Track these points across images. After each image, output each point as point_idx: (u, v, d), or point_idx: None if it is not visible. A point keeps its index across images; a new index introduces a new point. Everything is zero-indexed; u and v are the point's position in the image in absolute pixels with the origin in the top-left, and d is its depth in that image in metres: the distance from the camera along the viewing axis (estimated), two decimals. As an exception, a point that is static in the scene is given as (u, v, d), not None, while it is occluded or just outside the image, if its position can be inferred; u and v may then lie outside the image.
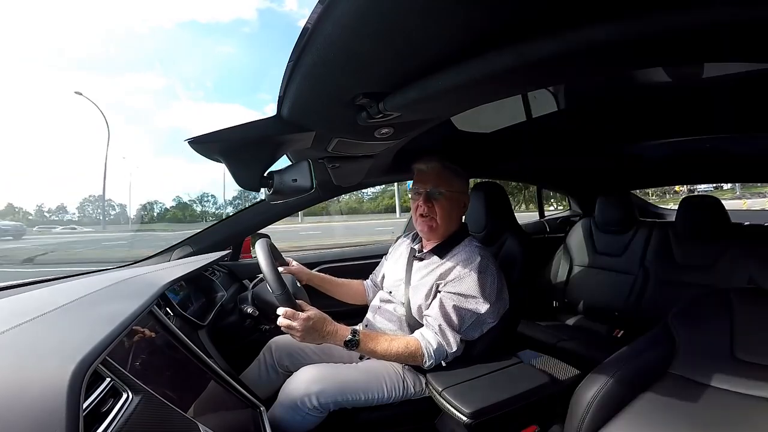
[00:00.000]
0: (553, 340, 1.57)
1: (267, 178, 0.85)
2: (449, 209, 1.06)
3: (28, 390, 0.34)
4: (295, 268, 1.24)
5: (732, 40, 0.46)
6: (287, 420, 0.91)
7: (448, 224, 1.08)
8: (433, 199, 1.06)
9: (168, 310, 0.90)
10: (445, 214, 1.06)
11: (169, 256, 1.32)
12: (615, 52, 0.48)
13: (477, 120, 1.34)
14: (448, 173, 1.07)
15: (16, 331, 0.43)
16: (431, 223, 1.07)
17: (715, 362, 0.87)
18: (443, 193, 1.05)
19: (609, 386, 0.86)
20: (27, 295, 0.69)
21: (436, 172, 1.07)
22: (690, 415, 0.79)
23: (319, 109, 0.71)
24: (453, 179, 1.07)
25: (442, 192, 1.05)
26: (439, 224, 1.07)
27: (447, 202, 1.06)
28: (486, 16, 0.44)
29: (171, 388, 0.59)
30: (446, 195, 1.06)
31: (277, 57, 66.26)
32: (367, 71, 0.57)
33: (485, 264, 1.01)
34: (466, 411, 0.81)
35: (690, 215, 1.59)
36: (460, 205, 1.10)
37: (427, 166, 1.08)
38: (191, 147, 0.75)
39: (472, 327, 0.99)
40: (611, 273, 1.79)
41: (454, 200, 1.07)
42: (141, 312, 0.57)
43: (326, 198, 1.59)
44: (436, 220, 1.06)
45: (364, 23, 0.44)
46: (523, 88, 0.93)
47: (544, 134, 1.43)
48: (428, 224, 1.07)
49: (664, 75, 1.00)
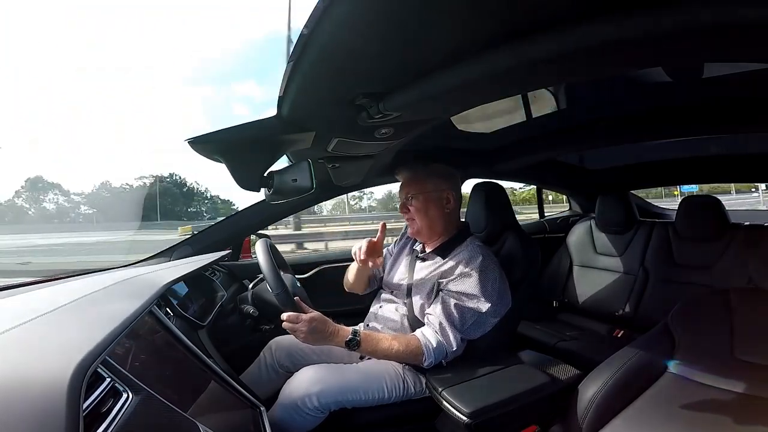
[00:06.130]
0: (553, 340, 1.57)
1: (267, 178, 0.85)
2: (424, 209, 1.09)
3: (28, 390, 0.34)
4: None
5: (732, 40, 0.46)
6: (287, 420, 0.91)
7: (428, 222, 1.10)
8: (408, 204, 1.11)
9: (168, 310, 0.90)
10: (421, 214, 1.09)
11: (169, 256, 1.32)
12: (615, 52, 0.48)
13: (477, 120, 1.34)
14: (419, 176, 1.12)
15: (17, 331, 0.43)
16: (414, 226, 1.12)
17: (714, 362, 0.87)
18: (414, 195, 1.10)
19: (609, 386, 0.86)
20: (27, 295, 0.69)
21: (406, 179, 1.14)
22: (690, 414, 0.79)
23: (319, 109, 0.71)
24: (424, 181, 1.11)
25: (413, 195, 1.10)
26: (420, 225, 1.11)
27: (420, 204, 1.10)
28: (486, 16, 0.44)
29: (171, 388, 0.59)
30: (418, 197, 1.10)
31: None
32: (367, 71, 0.57)
33: (487, 263, 1.01)
34: (466, 411, 0.81)
35: (690, 215, 1.59)
36: (438, 202, 1.10)
37: (400, 175, 1.16)
38: (191, 147, 0.75)
39: (473, 326, 0.99)
40: (611, 273, 1.79)
41: (428, 200, 1.10)
42: (141, 312, 0.57)
43: (326, 198, 1.59)
44: (416, 222, 1.11)
45: (364, 23, 0.44)
46: (522, 88, 0.93)
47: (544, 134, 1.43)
48: (413, 228, 1.13)
49: (664, 75, 1.00)
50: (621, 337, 1.61)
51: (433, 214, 1.10)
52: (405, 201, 1.12)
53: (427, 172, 1.12)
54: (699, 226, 1.56)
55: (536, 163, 1.73)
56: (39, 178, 32.98)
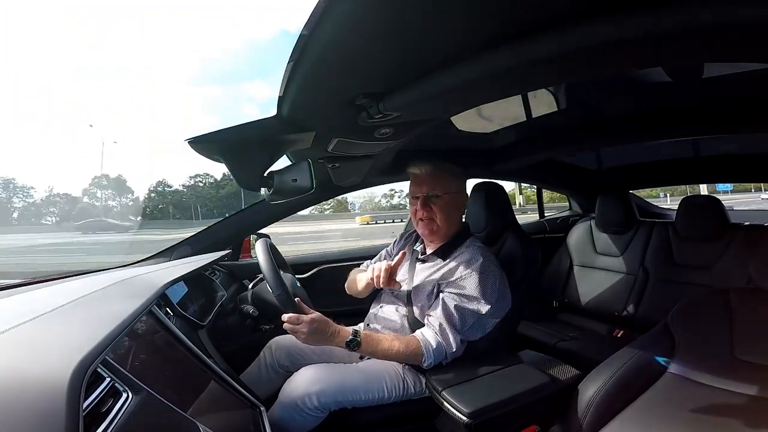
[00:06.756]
0: (553, 340, 1.57)
1: (267, 178, 0.85)
2: (448, 211, 1.06)
3: (28, 390, 0.34)
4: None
5: (732, 40, 0.46)
6: (287, 420, 0.91)
7: (449, 225, 1.08)
8: (430, 202, 1.06)
9: (168, 310, 0.90)
10: (445, 215, 1.06)
11: (169, 256, 1.32)
12: (615, 52, 0.48)
13: (477, 120, 1.34)
14: (442, 174, 1.07)
15: (17, 330, 0.43)
16: (432, 226, 1.07)
17: (714, 362, 0.87)
18: (440, 196, 1.05)
19: (609, 386, 0.86)
20: (27, 295, 0.69)
21: (430, 175, 1.06)
22: (689, 414, 0.79)
23: (319, 109, 0.71)
24: (448, 180, 1.07)
25: (439, 195, 1.05)
26: (440, 226, 1.07)
27: (445, 204, 1.06)
28: (486, 16, 0.44)
29: (171, 388, 0.59)
30: (443, 197, 1.06)
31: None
32: (367, 71, 0.57)
33: (487, 265, 1.01)
34: (466, 411, 0.81)
35: (690, 215, 1.59)
36: (458, 205, 1.10)
37: (420, 169, 1.07)
38: (191, 147, 0.75)
39: (473, 328, 0.99)
40: (611, 273, 1.79)
41: (452, 201, 1.07)
42: (141, 312, 0.57)
43: (326, 198, 1.59)
44: (436, 222, 1.06)
45: (364, 23, 0.44)
46: (522, 89, 0.93)
47: (544, 134, 1.43)
48: (429, 227, 1.07)
49: (664, 75, 1.00)
50: (621, 337, 1.61)
51: (454, 216, 1.08)
52: (427, 198, 1.05)
53: (451, 172, 1.08)
54: (699, 226, 1.56)
55: (536, 163, 1.73)
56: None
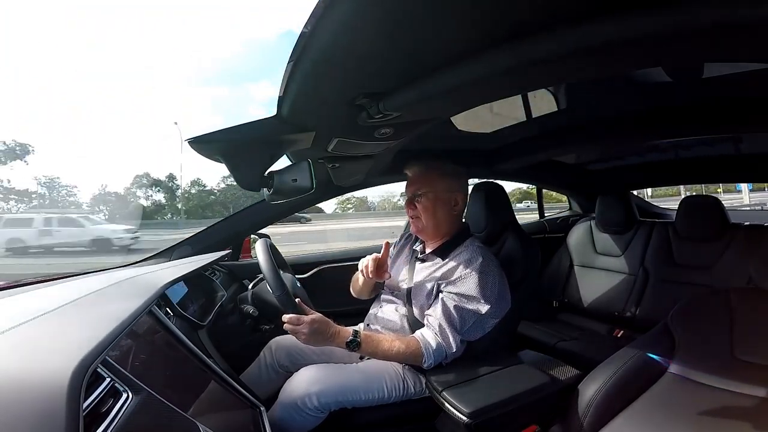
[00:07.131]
0: (553, 340, 1.57)
1: (267, 178, 0.85)
2: (432, 209, 1.08)
3: (28, 390, 0.34)
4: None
5: (732, 40, 0.46)
6: (287, 420, 0.91)
7: (435, 224, 1.09)
8: (415, 201, 1.09)
9: (168, 310, 0.90)
10: (429, 213, 1.08)
11: (169, 256, 1.32)
12: (615, 52, 0.48)
13: (477, 120, 1.34)
14: (431, 174, 1.09)
15: (17, 330, 0.43)
16: (418, 225, 1.11)
17: (714, 362, 0.87)
18: (425, 194, 1.08)
19: (609, 386, 0.86)
20: (27, 295, 0.69)
21: (417, 175, 1.10)
22: (689, 414, 0.79)
23: (319, 109, 0.71)
24: (437, 179, 1.09)
25: (423, 192, 1.08)
26: (425, 225, 1.09)
27: (429, 203, 1.08)
28: (486, 16, 0.44)
29: (171, 388, 0.59)
30: (428, 195, 1.08)
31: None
32: (367, 71, 0.57)
33: (487, 265, 1.01)
34: (466, 411, 0.81)
35: (690, 215, 1.59)
36: (447, 203, 1.10)
37: (411, 170, 1.12)
38: (191, 147, 0.75)
39: (473, 328, 0.99)
40: (611, 273, 1.79)
41: (438, 199, 1.08)
42: (141, 312, 0.57)
43: (326, 198, 1.59)
44: (421, 220, 1.09)
45: (365, 23, 0.44)
46: (522, 88, 0.93)
47: (544, 134, 1.43)
48: (416, 226, 1.12)
49: (664, 75, 1.00)
50: (621, 337, 1.61)
51: (440, 214, 1.09)
52: (412, 197, 1.10)
53: (441, 171, 1.10)
54: (699, 226, 1.56)
55: (536, 163, 1.73)
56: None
